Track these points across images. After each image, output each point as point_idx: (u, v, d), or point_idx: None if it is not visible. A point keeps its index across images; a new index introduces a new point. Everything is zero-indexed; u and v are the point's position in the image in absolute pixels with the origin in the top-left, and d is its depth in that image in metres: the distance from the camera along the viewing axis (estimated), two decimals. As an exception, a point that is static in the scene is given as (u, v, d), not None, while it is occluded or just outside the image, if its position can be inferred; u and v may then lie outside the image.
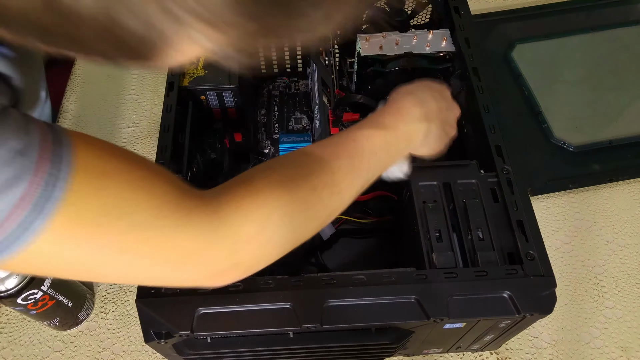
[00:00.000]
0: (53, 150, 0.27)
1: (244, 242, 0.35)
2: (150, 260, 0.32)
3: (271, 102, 0.78)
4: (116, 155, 0.31)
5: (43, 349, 0.62)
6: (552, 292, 0.44)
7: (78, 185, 0.27)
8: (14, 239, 0.26)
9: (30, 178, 0.26)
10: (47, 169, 0.26)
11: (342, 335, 0.48)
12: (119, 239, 0.29)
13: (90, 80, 0.88)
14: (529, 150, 0.76)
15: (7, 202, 0.25)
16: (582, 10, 0.91)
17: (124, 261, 0.31)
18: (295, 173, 0.39)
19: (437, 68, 0.63)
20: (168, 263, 0.32)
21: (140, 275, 0.34)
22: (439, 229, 0.49)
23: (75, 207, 0.27)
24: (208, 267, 0.35)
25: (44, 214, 0.26)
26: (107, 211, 0.29)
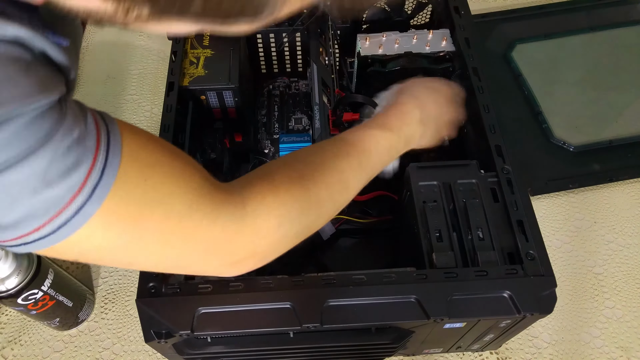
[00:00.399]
0: (105, 139, 0.28)
1: (264, 234, 0.37)
2: (181, 249, 0.33)
3: (271, 102, 0.78)
4: (158, 146, 0.32)
5: (43, 349, 0.62)
6: (552, 292, 0.44)
7: (125, 174, 0.29)
8: (70, 224, 0.27)
9: (89, 165, 0.27)
10: (102, 156, 0.28)
11: (342, 335, 0.48)
12: (157, 226, 0.31)
13: (90, 80, 0.88)
14: (529, 150, 0.76)
15: (67, 188, 0.26)
16: (582, 10, 0.91)
17: (158, 248, 0.32)
18: (311, 171, 0.41)
19: (437, 68, 0.63)
20: (196, 252, 0.34)
21: (170, 263, 0.35)
22: (439, 228, 0.49)
23: (122, 194, 0.29)
24: (229, 256, 0.36)
25: (97, 200, 0.27)
26: (149, 199, 0.30)
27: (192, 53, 0.61)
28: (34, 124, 0.25)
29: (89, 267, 0.68)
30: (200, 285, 0.44)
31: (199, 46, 0.62)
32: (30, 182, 0.25)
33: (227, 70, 0.60)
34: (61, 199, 0.26)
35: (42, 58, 0.26)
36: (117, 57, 0.90)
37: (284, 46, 0.73)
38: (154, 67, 0.89)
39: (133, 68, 0.89)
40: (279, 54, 0.75)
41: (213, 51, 0.62)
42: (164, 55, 0.90)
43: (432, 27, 0.68)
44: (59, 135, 0.26)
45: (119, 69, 0.89)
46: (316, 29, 0.68)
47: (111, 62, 0.90)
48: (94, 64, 0.90)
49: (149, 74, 0.88)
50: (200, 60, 0.61)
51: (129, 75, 0.88)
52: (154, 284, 0.44)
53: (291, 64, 0.77)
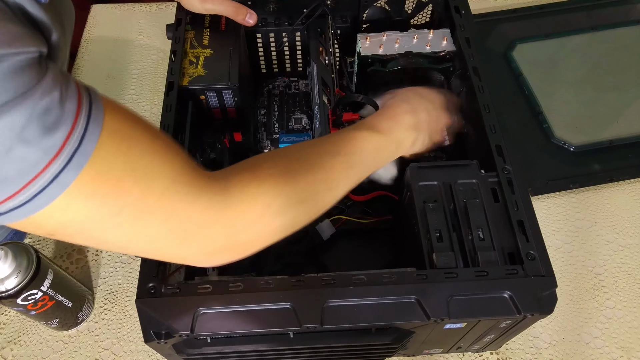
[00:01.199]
0: (87, 106, 0.28)
1: (244, 224, 0.36)
2: (157, 229, 0.33)
3: (271, 102, 0.78)
4: (141, 123, 0.32)
5: (43, 349, 0.62)
6: (553, 292, 0.44)
7: (105, 144, 0.28)
8: (46, 193, 0.27)
9: (68, 129, 0.27)
10: (82, 123, 0.27)
11: (342, 335, 0.48)
12: (136, 202, 0.31)
13: (90, 80, 0.87)
14: (530, 150, 0.76)
15: (44, 151, 0.26)
16: (582, 10, 0.91)
17: (135, 226, 0.32)
18: (297, 166, 0.41)
19: (438, 68, 0.63)
20: (173, 234, 0.34)
21: (145, 245, 0.35)
22: (439, 229, 0.49)
23: (102, 164, 0.28)
24: (207, 244, 0.36)
25: (75, 168, 0.27)
26: (129, 172, 0.30)
27: (191, 53, 0.61)
28: (10, 75, 0.24)
29: (88, 268, 0.68)
30: (200, 286, 0.44)
31: (199, 46, 0.62)
32: (6, 138, 0.25)
33: (226, 70, 0.60)
34: (37, 163, 0.26)
35: (19, 13, 0.26)
36: (117, 57, 0.90)
37: (284, 46, 0.73)
38: (154, 67, 0.89)
39: (133, 68, 0.89)
40: (279, 54, 0.75)
41: (213, 51, 0.61)
42: (163, 55, 0.90)
43: (433, 26, 0.68)
44: (38, 93, 0.25)
45: (118, 68, 0.89)
46: (316, 29, 0.68)
47: (111, 61, 0.90)
48: (93, 64, 0.89)
49: (148, 74, 0.88)
50: (200, 59, 0.61)
51: (129, 74, 0.88)
52: (154, 285, 0.44)
53: (291, 64, 0.77)
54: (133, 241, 0.34)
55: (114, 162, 0.29)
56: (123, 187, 0.30)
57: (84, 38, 0.93)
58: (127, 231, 0.32)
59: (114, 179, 0.29)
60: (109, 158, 0.29)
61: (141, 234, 0.33)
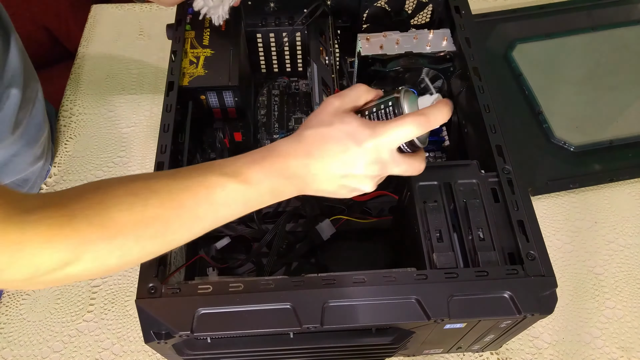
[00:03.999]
0: None
1: (43, 272, 0.33)
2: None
3: (271, 102, 0.78)
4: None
5: (43, 349, 0.62)
6: (553, 293, 0.44)
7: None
8: None
9: None
10: None
11: (343, 335, 0.48)
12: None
13: (90, 80, 0.87)
14: (530, 150, 0.76)
15: None
16: (583, 10, 0.91)
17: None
18: (126, 219, 0.35)
19: (438, 68, 0.63)
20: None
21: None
22: (439, 229, 0.49)
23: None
24: (4, 279, 0.33)
25: None
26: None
27: (191, 53, 0.61)
28: None
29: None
30: (200, 286, 0.44)
31: (199, 46, 0.62)
32: None
33: (227, 70, 0.60)
34: None
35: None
36: (117, 57, 0.90)
37: (284, 46, 0.73)
38: (154, 67, 0.89)
39: (133, 67, 0.89)
40: (279, 54, 0.75)
41: (213, 51, 0.61)
42: (163, 54, 0.90)
43: (433, 26, 0.68)
44: None
45: (119, 68, 0.89)
46: (316, 29, 0.68)
47: (111, 61, 0.90)
48: (94, 63, 0.89)
49: (148, 74, 0.88)
50: (200, 59, 0.61)
51: (129, 74, 0.88)
52: (154, 285, 0.44)
53: (291, 64, 0.77)
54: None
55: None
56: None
57: (84, 38, 0.93)
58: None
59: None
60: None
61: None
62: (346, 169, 0.40)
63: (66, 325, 0.64)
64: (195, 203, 0.38)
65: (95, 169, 0.77)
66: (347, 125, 0.40)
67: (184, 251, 0.55)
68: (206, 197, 0.38)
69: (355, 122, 0.40)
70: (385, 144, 0.39)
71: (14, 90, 0.64)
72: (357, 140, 0.39)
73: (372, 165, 0.40)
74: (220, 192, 0.38)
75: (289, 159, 0.40)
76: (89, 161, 0.78)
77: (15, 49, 0.65)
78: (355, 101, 0.42)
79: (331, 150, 0.40)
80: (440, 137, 0.71)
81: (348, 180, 0.41)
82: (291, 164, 0.40)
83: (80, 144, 0.80)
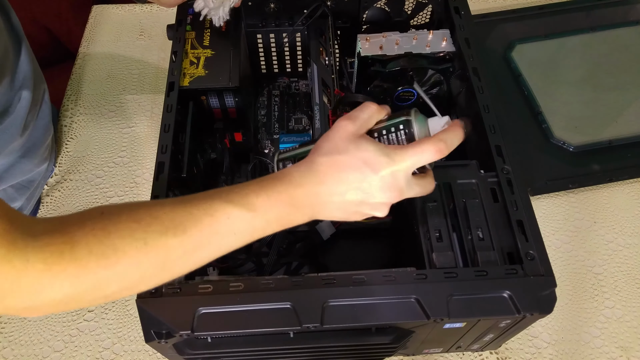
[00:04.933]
0: None
1: (42, 300, 0.33)
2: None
3: (271, 102, 0.78)
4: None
5: (43, 348, 0.62)
6: (552, 292, 0.44)
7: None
8: None
9: None
10: None
11: (342, 335, 0.48)
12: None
13: (90, 80, 0.88)
14: (529, 150, 0.76)
15: None
16: (582, 10, 0.91)
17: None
18: (128, 246, 0.34)
19: (437, 68, 0.63)
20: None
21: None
22: (439, 228, 0.49)
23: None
24: (3, 306, 0.33)
25: None
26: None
27: (192, 53, 0.61)
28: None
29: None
30: (200, 286, 0.44)
31: (200, 46, 0.62)
32: None
33: (227, 70, 0.60)
34: None
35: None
36: (118, 57, 0.91)
37: (284, 46, 0.73)
38: (155, 67, 0.89)
39: (133, 68, 0.89)
40: (279, 54, 0.75)
41: (213, 51, 0.62)
42: (164, 55, 0.90)
43: (432, 27, 0.68)
44: None
45: (119, 68, 0.89)
46: (316, 29, 0.68)
47: (112, 61, 0.90)
48: (94, 64, 0.90)
49: (149, 74, 0.88)
50: (201, 60, 0.61)
51: (130, 74, 0.88)
52: (155, 284, 0.44)
53: (291, 64, 0.77)
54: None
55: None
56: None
57: (85, 38, 0.93)
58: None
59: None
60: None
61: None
62: (362, 197, 0.39)
63: (67, 325, 0.64)
64: (199, 231, 0.36)
65: (96, 169, 0.77)
66: (364, 152, 0.39)
67: (185, 251, 0.56)
68: (210, 225, 0.37)
69: (372, 148, 0.39)
70: (402, 171, 0.39)
71: (25, 93, 0.64)
72: (375, 169, 0.38)
73: (389, 192, 0.39)
74: (225, 220, 0.37)
75: (299, 189, 0.39)
76: (89, 161, 0.78)
77: (25, 53, 0.65)
78: (368, 123, 0.42)
79: (347, 179, 0.39)
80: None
81: (363, 207, 0.40)
82: (301, 193, 0.39)
83: (81, 144, 0.80)
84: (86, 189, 0.76)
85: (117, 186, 0.76)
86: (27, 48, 0.66)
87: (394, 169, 0.39)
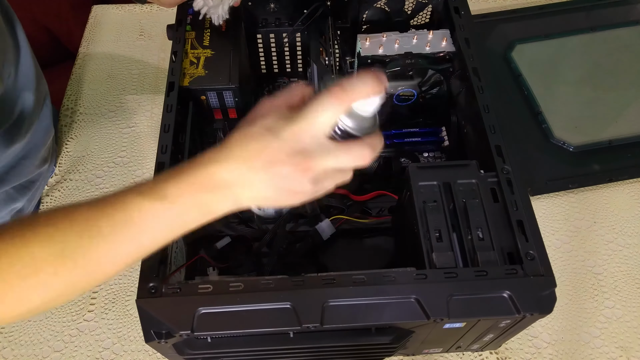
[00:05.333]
0: None
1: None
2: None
3: (271, 102, 0.78)
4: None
5: (43, 349, 0.62)
6: (552, 292, 0.44)
7: None
8: None
9: None
10: None
11: (342, 335, 0.48)
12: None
13: (90, 80, 0.88)
14: (529, 150, 0.76)
15: None
16: (582, 10, 0.91)
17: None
18: (46, 253, 0.33)
19: (437, 68, 0.63)
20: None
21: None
22: (439, 228, 0.49)
23: None
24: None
25: None
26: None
27: (192, 53, 0.61)
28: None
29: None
30: (200, 286, 0.44)
31: (199, 46, 0.62)
32: None
33: (227, 70, 0.60)
34: None
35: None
36: (118, 57, 0.91)
37: (284, 46, 0.73)
38: (155, 67, 0.89)
39: (133, 68, 0.89)
40: (279, 54, 0.75)
41: (213, 51, 0.62)
42: (164, 55, 0.90)
43: (432, 27, 0.68)
44: None
45: (119, 68, 0.89)
46: (316, 30, 0.68)
47: (112, 61, 0.90)
48: (94, 64, 0.90)
49: (149, 74, 0.88)
50: (201, 60, 0.61)
51: (130, 74, 0.88)
52: (154, 284, 0.44)
53: (291, 65, 0.77)
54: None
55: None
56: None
57: (85, 38, 0.93)
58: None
59: None
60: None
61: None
62: (271, 166, 0.35)
63: (67, 325, 0.64)
64: (112, 230, 0.34)
65: (96, 169, 0.77)
66: (267, 119, 0.35)
67: (185, 251, 0.56)
68: (124, 222, 0.34)
69: (275, 114, 0.36)
70: (304, 130, 0.34)
71: (27, 94, 0.64)
72: (274, 132, 0.35)
73: (293, 157, 0.34)
74: (137, 214, 0.34)
75: (210, 167, 0.35)
76: (89, 161, 0.78)
77: (27, 54, 0.65)
78: (289, 97, 0.38)
79: (253, 149, 0.35)
80: (440, 137, 0.72)
81: (280, 181, 0.35)
82: (212, 172, 0.35)
83: (81, 144, 0.80)
84: (86, 189, 0.76)
85: (117, 186, 0.76)
86: (28, 49, 0.66)
87: (293, 128, 0.34)
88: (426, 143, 0.72)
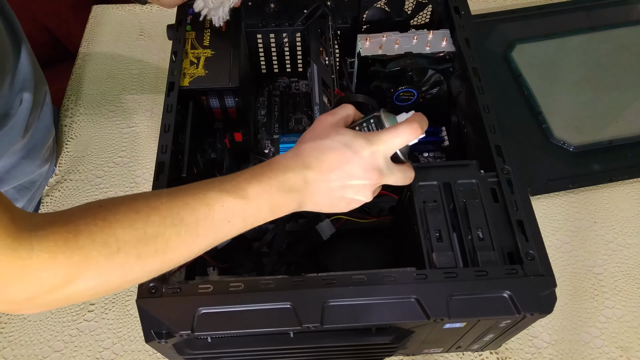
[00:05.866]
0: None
1: (46, 290, 0.34)
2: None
3: (271, 102, 0.78)
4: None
5: (43, 349, 0.62)
6: (552, 292, 0.44)
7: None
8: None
9: None
10: None
11: (342, 335, 0.48)
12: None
13: (90, 80, 0.88)
14: (529, 150, 0.76)
15: None
16: (582, 10, 0.91)
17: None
18: (128, 236, 0.35)
19: (437, 68, 0.63)
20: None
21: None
22: (439, 228, 0.49)
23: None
24: (6, 298, 0.34)
25: None
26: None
27: (192, 53, 0.61)
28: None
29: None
30: (200, 286, 0.44)
31: (200, 46, 0.62)
32: None
33: (227, 70, 0.60)
34: None
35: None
36: (118, 57, 0.91)
37: (284, 46, 0.73)
38: (155, 67, 0.89)
39: (134, 68, 0.89)
40: (279, 54, 0.75)
41: (213, 51, 0.62)
42: (164, 55, 0.90)
43: (432, 27, 0.68)
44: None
45: (119, 68, 0.89)
46: (316, 29, 0.68)
47: (112, 61, 0.90)
48: (94, 64, 0.90)
49: (149, 74, 0.88)
50: (201, 60, 0.61)
51: (130, 74, 0.88)
52: (154, 284, 0.44)
53: (291, 64, 0.77)
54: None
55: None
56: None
57: (85, 38, 0.93)
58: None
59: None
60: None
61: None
62: (345, 178, 0.41)
63: (67, 325, 0.64)
64: (195, 220, 0.38)
65: (96, 169, 0.77)
66: (343, 136, 0.41)
67: (185, 251, 0.56)
68: (206, 214, 0.38)
69: (351, 133, 0.42)
70: (381, 152, 0.41)
71: (26, 95, 0.64)
72: (355, 150, 0.41)
73: (369, 172, 0.41)
74: (219, 208, 0.39)
75: (286, 173, 0.41)
76: (89, 161, 0.78)
77: (25, 54, 0.65)
78: (346, 119, 0.45)
79: (329, 161, 0.41)
80: (440, 137, 0.72)
81: (346, 191, 0.42)
82: (289, 177, 0.41)
83: (81, 144, 0.80)
84: (86, 189, 0.76)
85: (117, 186, 0.76)
86: (27, 49, 0.66)
87: (372, 149, 0.41)
88: (426, 143, 0.72)
